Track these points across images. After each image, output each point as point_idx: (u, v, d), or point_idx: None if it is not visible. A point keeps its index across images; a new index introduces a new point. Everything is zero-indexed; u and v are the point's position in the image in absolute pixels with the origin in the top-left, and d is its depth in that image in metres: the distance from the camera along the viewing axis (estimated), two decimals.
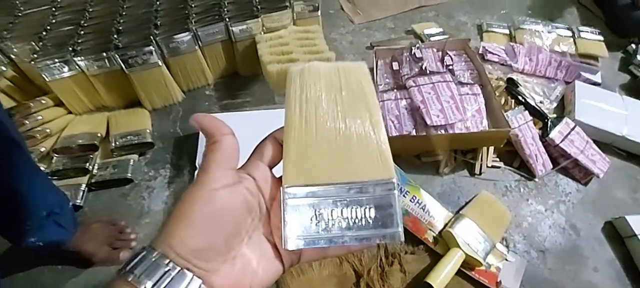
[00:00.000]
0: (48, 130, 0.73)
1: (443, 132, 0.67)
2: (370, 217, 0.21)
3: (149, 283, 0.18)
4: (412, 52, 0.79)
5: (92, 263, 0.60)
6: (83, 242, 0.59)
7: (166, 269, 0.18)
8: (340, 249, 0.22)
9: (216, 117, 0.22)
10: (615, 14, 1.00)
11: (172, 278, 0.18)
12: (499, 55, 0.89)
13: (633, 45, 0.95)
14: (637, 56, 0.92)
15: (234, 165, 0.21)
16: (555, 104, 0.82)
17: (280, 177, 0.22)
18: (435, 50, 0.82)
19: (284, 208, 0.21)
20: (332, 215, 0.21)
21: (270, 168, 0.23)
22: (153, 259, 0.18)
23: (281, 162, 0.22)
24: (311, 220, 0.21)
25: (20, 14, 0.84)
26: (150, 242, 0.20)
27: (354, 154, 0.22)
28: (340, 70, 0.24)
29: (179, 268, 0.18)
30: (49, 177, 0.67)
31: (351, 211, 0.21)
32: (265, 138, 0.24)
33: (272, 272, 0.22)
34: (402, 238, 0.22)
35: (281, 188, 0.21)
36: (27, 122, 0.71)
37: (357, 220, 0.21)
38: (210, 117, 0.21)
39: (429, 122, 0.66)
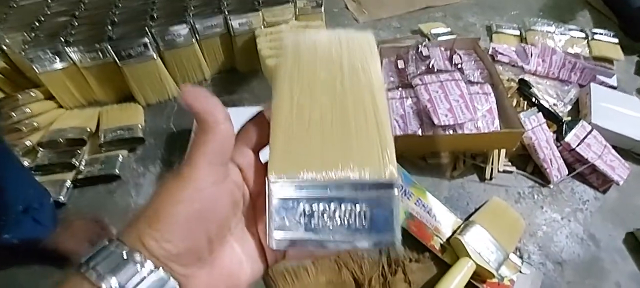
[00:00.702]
0: (35, 124, 0.69)
1: (451, 132, 0.63)
2: (365, 220, 0.18)
3: (114, 282, 0.15)
4: (419, 50, 0.75)
5: (72, 262, 0.56)
6: (63, 239, 0.55)
7: (137, 270, 0.15)
8: (330, 251, 0.19)
9: (212, 97, 0.18)
10: (629, 17, 0.96)
11: (142, 279, 0.15)
12: (509, 57, 0.85)
13: None
14: None
15: (226, 160, 0.18)
16: (569, 107, 0.77)
17: (267, 164, 0.19)
18: (443, 49, 0.78)
19: (269, 202, 0.18)
20: (322, 215, 0.18)
21: (256, 153, 0.20)
22: (124, 257, 0.15)
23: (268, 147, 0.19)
24: (299, 217, 0.18)
25: (15, 5, 0.81)
26: (116, 235, 0.16)
27: (352, 147, 0.19)
28: (342, 42, 0.21)
29: (152, 269, 0.15)
30: (32, 172, 0.64)
31: (344, 211, 0.18)
32: (252, 117, 0.20)
33: (254, 271, 0.19)
34: (400, 246, 0.19)
35: (266, 180, 0.18)
36: (14, 114, 0.68)
37: (350, 222, 0.18)
38: (204, 97, 0.17)
39: (436, 122, 0.62)
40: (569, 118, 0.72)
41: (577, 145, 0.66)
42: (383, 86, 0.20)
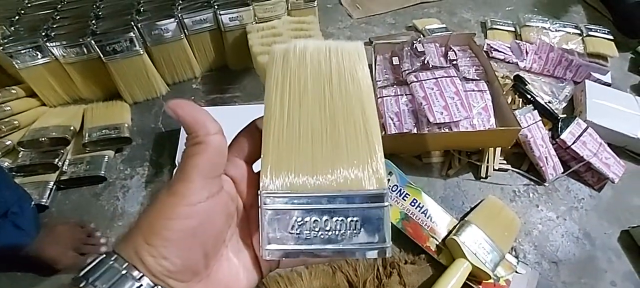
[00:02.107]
0: (16, 122, 0.66)
1: (447, 130, 0.62)
2: (356, 230, 0.19)
3: None
4: (414, 46, 0.74)
5: (56, 270, 0.53)
6: (46, 245, 0.52)
7: (135, 286, 0.15)
8: (322, 259, 0.20)
9: (201, 109, 0.18)
10: (624, 13, 0.96)
11: None
12: (504, 53, 0.85)
13: None
14: None
15: (220, 173, 0.18)
16: (564, 104, 0.77)
17: (259, 174, 0.19)
18: (438, 45, 0.77)
19: (261, 214, 0.19)
20: (314, 225, 0.19)
21: (249, 164, 0.20)
22: (122, 272, 0.15)
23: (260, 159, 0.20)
24: (291, 229, 0.19)
25: None
26: (113, 247, 0.17)
27: (343, 159, 0.19)
28: (331, 52, 0.21)
29: (151, 285, 0.16)
30: (13, 174, 0.61)
31: (336, 222, 0.19)
32: (245, 128, 0.21)
33: (250, 281, 0.20)
34: (390, 254, 0.19)
35: (259, 192, 0.19)
36: None
37: (341, 233, 0.19)
38: (193, 108, 0.17)
39: (432, 120, 0.61)
40: (564, 115, 0.71)
41: (573, 143, 0.65)
42: (372, 96, 0.20)
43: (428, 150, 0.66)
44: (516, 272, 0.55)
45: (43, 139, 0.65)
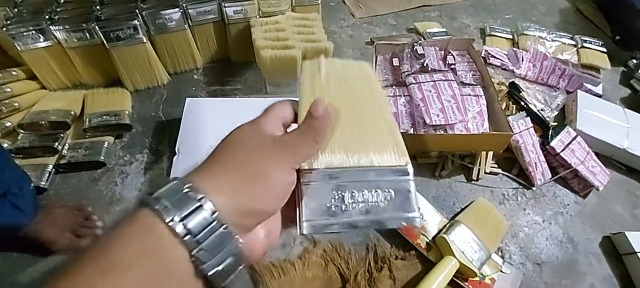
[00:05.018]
0: (16, 104, 0.67)
1: (442, 132, 0.63)
2: (389, 201, 0.21)
3: (177, 217, 0.16)
4: (414, 49, 0.75)
5: (53, 251, 0.54)
6: (43, 227, 0.53)
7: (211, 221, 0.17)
8: (358, 230, 0.24)
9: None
10: (627, 26, 0.97)
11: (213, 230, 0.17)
12: (501, 60, 0.87)
13: (634, 61, 0.94)
14: (639, 71, 0.91)
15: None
16: (556, 113, 0.79)
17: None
18: (437, 48, 0.79)
19: (302, 191, 0.20)
20: (351, 199, 0.21)
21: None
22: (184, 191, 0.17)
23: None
24: (330, 203, 0.21)
25: None
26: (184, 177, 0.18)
27: (370, 141, 0.22)
28: (351, 66, 0.27)
29: (224, 226, 0.17)
30: (12, 155, 0.62)
31: (371, 195, 0.21)
32: (281, 101, 0.23)
33: (273, 237, 0.21)
34: (421, 223, 0.20)
35: (298, 170, 0.21)
36: None
37: (376, 204, 0.21)
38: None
39: (428, 121, 0.63)
40: (555, 123, 0.73)
41: (562, 150, 0.68)
42: (387, 99, 0.25)
43: (423, 151, 0.68)
44: (501, 271, 0.57)
45: (43, 122, 0.66)
